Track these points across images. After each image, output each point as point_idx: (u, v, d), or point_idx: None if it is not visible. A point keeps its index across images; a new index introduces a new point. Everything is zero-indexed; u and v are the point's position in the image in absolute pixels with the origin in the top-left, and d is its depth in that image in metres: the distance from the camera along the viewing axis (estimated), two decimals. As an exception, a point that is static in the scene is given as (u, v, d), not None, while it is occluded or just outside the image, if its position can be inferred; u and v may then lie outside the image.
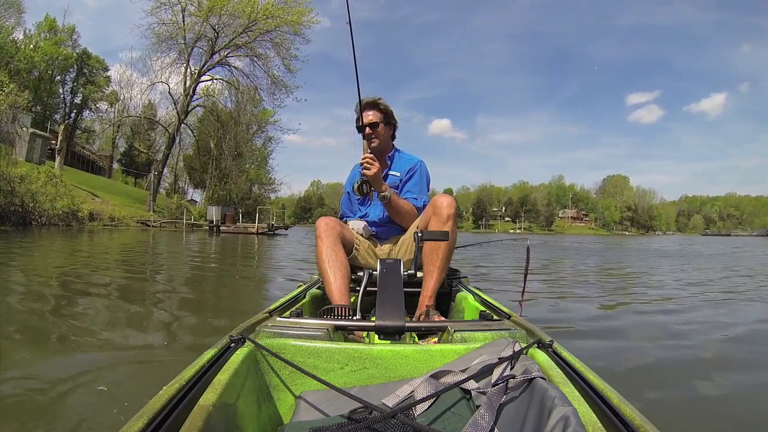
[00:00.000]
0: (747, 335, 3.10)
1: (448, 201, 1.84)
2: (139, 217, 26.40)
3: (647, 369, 2.30)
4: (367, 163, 1.97)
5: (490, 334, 1.13)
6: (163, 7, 30.19)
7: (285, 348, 1.06)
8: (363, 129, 2.18)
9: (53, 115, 43.15)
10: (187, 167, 47.61)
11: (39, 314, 3.26)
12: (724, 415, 1.76)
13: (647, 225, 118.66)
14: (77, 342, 2.57)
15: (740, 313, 4.02)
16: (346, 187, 2.41)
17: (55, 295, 3.98)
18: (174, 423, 0.68)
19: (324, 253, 1.86)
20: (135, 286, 4.81)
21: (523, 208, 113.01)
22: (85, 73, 45.13)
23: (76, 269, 5.99)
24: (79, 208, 20.13)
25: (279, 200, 63.57)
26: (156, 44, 31.21)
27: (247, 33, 31.26)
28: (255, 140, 41.05)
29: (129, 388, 1.85)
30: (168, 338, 2.73)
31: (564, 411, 0.66)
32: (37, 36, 41.18)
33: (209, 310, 3.81)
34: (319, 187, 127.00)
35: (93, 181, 32.76)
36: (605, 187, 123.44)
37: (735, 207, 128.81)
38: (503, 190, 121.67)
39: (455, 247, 1.94)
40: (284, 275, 6.48)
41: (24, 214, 16.45)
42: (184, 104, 32.63)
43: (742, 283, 6.32)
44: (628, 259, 11.84)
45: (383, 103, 2.22)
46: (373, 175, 1.98)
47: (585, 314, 3.70)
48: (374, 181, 2.02)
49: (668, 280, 6.63)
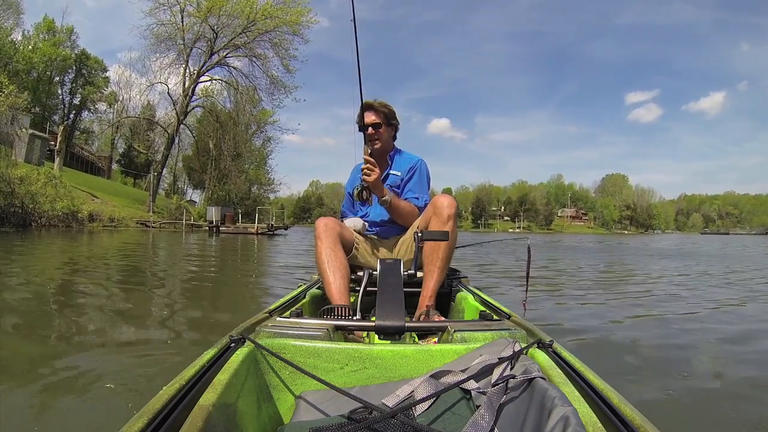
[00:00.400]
0: (750, 335, 3.10)
1: (449, 201, 1.85)
2: (139, 218, 26.41)
3: (648, 368, 2.29)
4: (367, 170, 1.96)
5: (490, 334, 1.13)
6: (161, 8, 30.26)
7: (285, 348, 1.06)
8: (365, 129, 2.17)
9: (52, 116, 43.21)
10: (186, 168, 47.65)
11: (46, 313, 3.31)
12: (726, 413, 1.76)
13: (646, 224, 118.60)
14: (82, 341, 2.60)
15: (744, 313, 4.02)
16: (347, 188, 2.41)
17: (58, 295, 4.01)
18: (174, 423, 0.68)
19: (323, 254, 1.86)
20: (137, 285, 4.85)
21: (522, 208, 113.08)
22: (84, 74, 45.15)
23: (79, 270, 6.03)
24: (78, 209, 20.15)
25: (278, 200, 63.49)
26: (155, 45, 31.27)
27: (246, 33, 31.27)
28: (254, 140, 41.10)
29: (136, 386, 1.88)
30: (173, 338, 2.75)
31: (564, 411, 0.66)
32: (36, 37, 41.22)
33: (216, 309, 3.85)
34: (318, 187, 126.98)
35: (92, 182, 32.78)
36: (604, 186, 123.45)
37: (734, 206, 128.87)
38: (502, 190, 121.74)
39: (455, 247, 1.94)
40: (285, 276, 6.48)
41: (24, 216, 16.46)
42: (183, 105, 32.65)
43: (747, 283, 6.31)
44: (630, 259, 11.81)
45: (386, 103, 2.23)
46: (374, 181, 1.97)
47: (585, 313, 3.69)
48: (374, 188, 2.02)
49: (670, 280, 6.62)
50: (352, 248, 2.10)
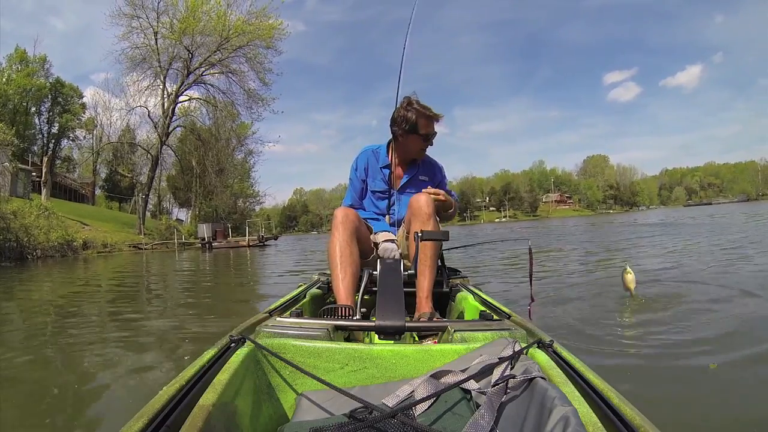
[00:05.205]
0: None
1: (425, 199, 1.83)
2: (131, 241, 26.56)
3: (648, 367, 2.21)
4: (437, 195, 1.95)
5: (490, 334, 1.14)
6: (135, 31, 30.40)
7: (285, 348, 1.06)
8: (429, 138, 2.13)
9: (32, 147, 43.02)
10: (170, 187, 47.69)
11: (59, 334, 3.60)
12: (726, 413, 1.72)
13: (631, 201, 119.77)
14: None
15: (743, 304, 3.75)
16: (351, 174, 2.31)
17: (69, 320, 4.27)
18: (174, 423, 0.69)
19: (338, 246, 1.78)
20: (154, 300, 5.17)
21: (506, 197, 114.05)
22: (60, 102, 44.75)
23: (85, 295, 6.36)
24: (73, 237, 20.42)
25: (263, 211, 63.77)
26: (130, 68, 31.30)
27: (221, 50, 31.53)
28: (236, 155, 41.30)
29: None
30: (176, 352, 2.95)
31: (564, 411, 0.66)
32: (9, 68, 41.02)
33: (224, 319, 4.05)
34: (302, 194, 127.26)
35: (79, 210, 32.71)
36: (586, 167, 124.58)
37: (715, 176, 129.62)
38: (485, 180, 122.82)
39: (444, 244, 1.97)
40: (287, 278, 6.74)
41: (20, 249, 16.75)
42: (164, 126, 32.79)
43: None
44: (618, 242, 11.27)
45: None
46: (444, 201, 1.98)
47: (585, 312, 3.47)
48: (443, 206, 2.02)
49: (664, 261, 6.49)
50: (371, 251, 2.04)
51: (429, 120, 2.08)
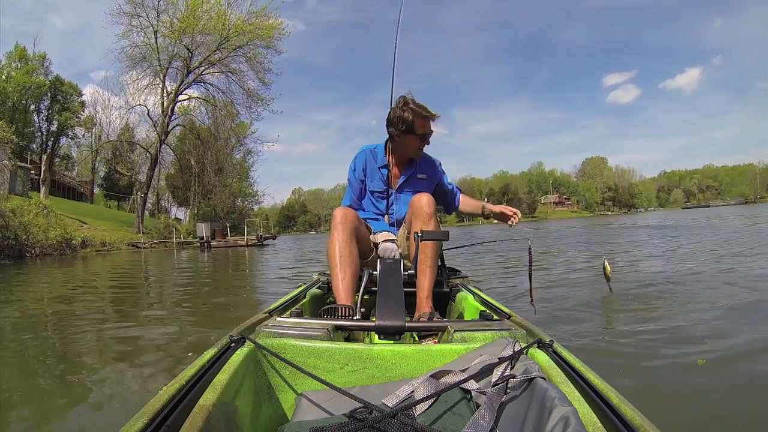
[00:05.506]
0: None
1: (427, 199, 1.83)
2: (129, 240, 26.53)
3: (648, 367, 2.20)
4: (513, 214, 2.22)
5: (490, 334, 1.14)
6: (135, 30, 30.37)
7: (285, 348, 1.06)
8: (426, 138, 2.13)
9: (30, 145, 42.97)
10: (169, 186, 47.64)
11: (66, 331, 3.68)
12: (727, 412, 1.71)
13: (629, 203, 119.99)
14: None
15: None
16: (350, 175, 2.29)
17: (67, 319, 4.37)
18: (174, 423, 0.69)
19: (337, 246, 1.78)
20: (155, 299, 5.17)
21: (504, 198, 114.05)
22: (59, 100, 44.72)
23: (86, 293, 6.34)
24: (72, 236, 20.39)
25: (262, 211, 63.66)
26: (130, 66, 31.26)
27: (221, 50, 31.51)
28: (235, 154, 41.26)
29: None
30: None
31: (564, 411, 0.66)
32: (8, 66, 40.98)
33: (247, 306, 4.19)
34: (300, 194, 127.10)
35: (78, 208, 32.65)
36: (584, 169, 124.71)
37: (713, 178, 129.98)
38: (484, 182, 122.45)
39: (444, 244, 1.99)
40: (287, 280, 6.75)
41: (19, 247, 16.72)
42: (163, 125, 32.75)
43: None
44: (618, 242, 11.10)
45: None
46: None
47: (584, 311, 3.48)
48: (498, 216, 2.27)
49: (664, 262, 6.45)
50: (371, 251, 2.04)
51: (425, 120, 2.07)
